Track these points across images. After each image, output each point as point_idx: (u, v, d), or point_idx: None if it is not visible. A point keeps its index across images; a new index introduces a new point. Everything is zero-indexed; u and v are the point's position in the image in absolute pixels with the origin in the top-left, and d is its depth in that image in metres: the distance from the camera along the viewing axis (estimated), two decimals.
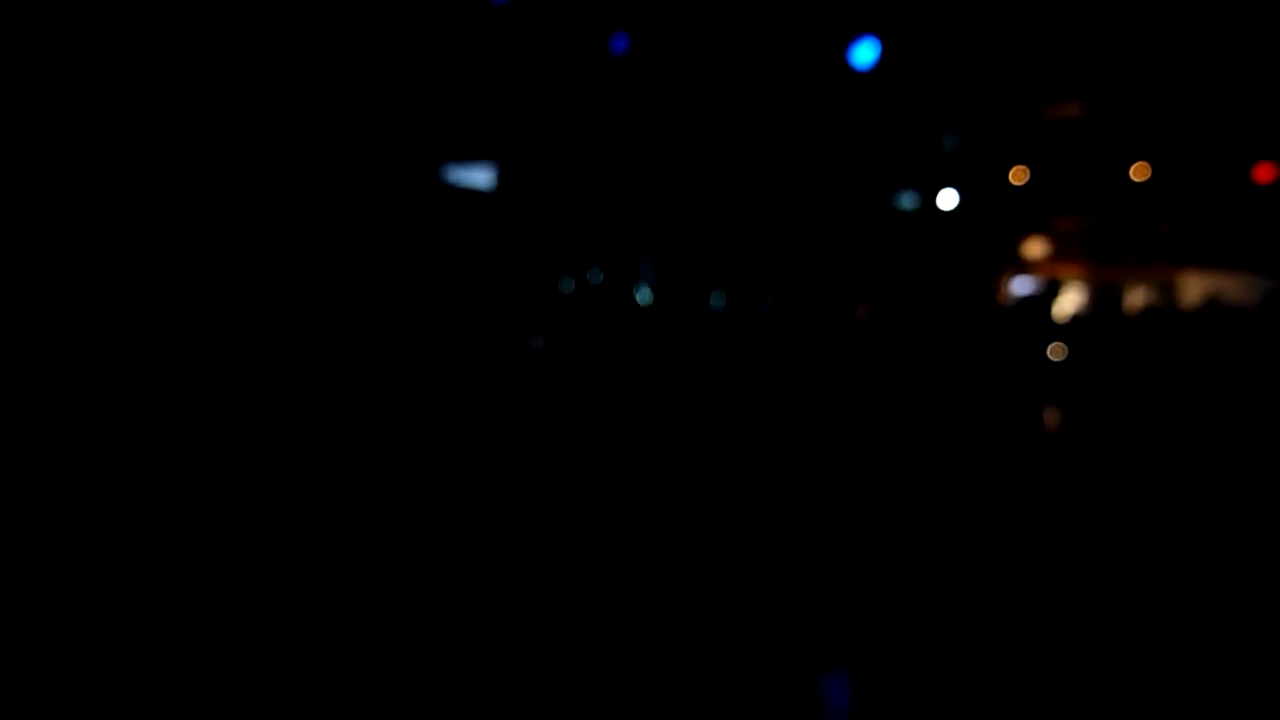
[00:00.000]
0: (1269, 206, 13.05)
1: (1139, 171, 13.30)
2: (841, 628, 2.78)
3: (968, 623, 2.83)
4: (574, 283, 10.68)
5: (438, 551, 3.29)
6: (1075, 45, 11.55)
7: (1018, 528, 4.25)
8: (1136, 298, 14.04)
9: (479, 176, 9.59)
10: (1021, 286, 14.26)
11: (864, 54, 10.60)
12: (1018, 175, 13.35)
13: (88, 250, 5.21)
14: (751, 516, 4.25)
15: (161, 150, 5.81)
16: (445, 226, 8.58)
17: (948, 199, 12.66)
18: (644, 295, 11.47)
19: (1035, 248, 14.27)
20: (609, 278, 11.08)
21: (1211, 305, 13.14)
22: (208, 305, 5.70)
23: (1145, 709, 2.17)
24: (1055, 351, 11.71)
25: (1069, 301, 13.97)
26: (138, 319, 5.21)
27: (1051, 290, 14.04)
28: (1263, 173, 12.99)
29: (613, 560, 3.30)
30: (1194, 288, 13.79)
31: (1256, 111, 12.56)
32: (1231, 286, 13.42)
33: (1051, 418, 9.18)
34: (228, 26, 6.53)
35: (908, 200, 12.68)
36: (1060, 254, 14.24)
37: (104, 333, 5.07)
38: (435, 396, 6.88)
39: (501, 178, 9.75)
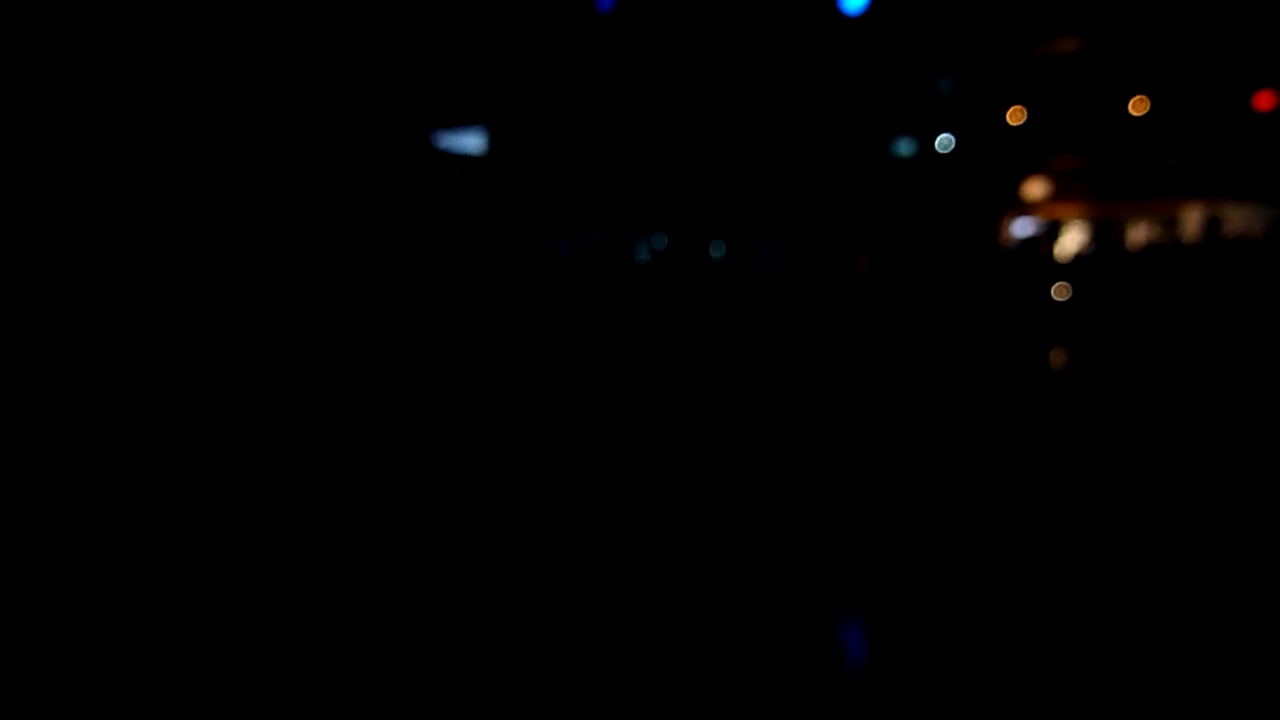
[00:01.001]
0: (1270, 135, 12.91)
1: (1138, 106, 13.15)
2: (849, 585, 2.77)
3: (977, 580, 2.81)
4: (571, 244, 10.63)
5: (438, 521, 3.29)
6: None
7: (1027, 476, 4.23)
8: (1139, 233, 13.94)
9: (470, 141, 9.51)
10: (1023, 228, 14.16)
11: None
12: (1015, 115, 13.21)
13: (75, 226, 5.18)
14: (759, 469, 4.23)
15: (151, 120, 5.76)
16: (438, 193, 8.52)
17: (945, 143, 12.55)
18: (643, 253, 11.41)
19: (1036, 188, 14.14)
20: (607, 236, 11.02)
21: (1215, 237, 13.03)
22: (200, 275, 5.68)
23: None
24: (1059, 291, 11.63)
25: (1071, 241, 13.86)
26: (126, 272, 5.20)
27: (1053, 230, 13.93)
28: (1263, 100, 12.83)
29: (615, 533, 3.29)
30: (1197, 220, 13.68)
31: (1254, 39, 12.38)
32: (1235, 216, 13.31)
33: (1058, 357, 9.14)
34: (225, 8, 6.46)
35: (904, 146, 12.56)
36: (1061, 193, 14.12)
37: (96, 311, 5.06)
38: (434, 365, 6.87)
39: (492, 141, 9.66)
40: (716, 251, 11.44)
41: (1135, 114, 13.20)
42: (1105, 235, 13.93)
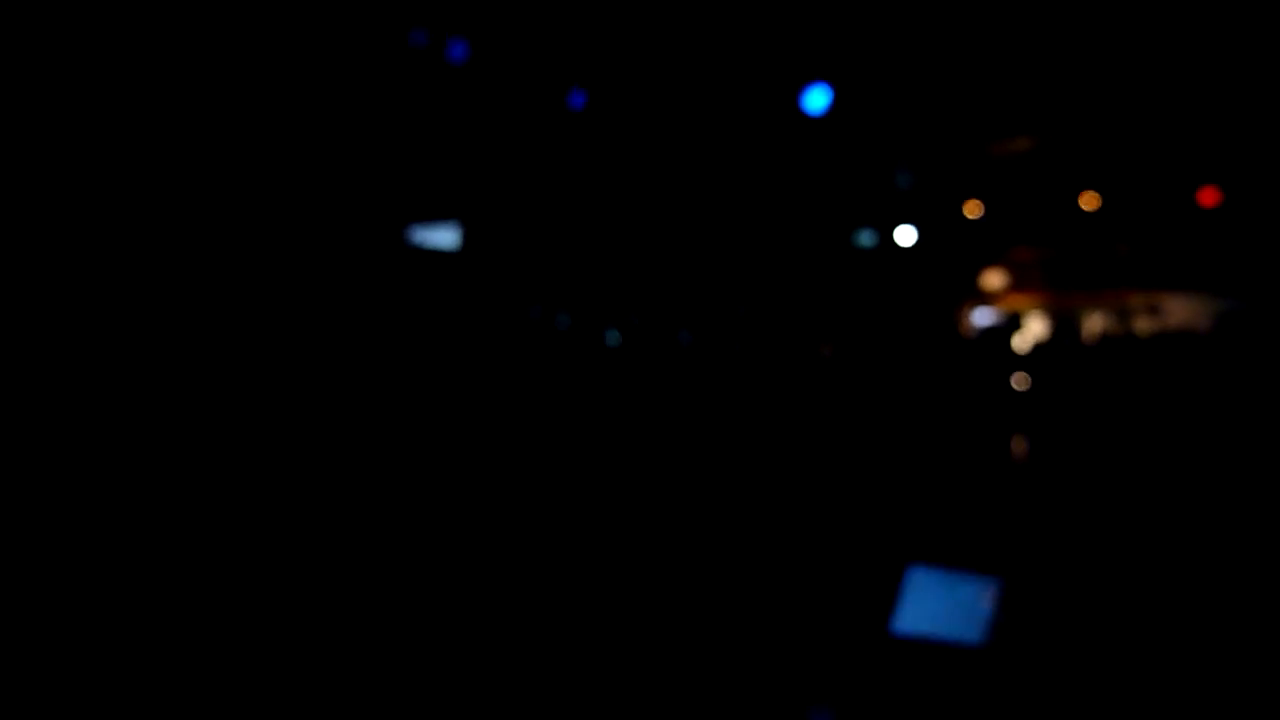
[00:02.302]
0: (1217, 230, 13.46)
1: (1089, 201, 13.69)
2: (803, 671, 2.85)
3: (932, 665, 2.90)
4: (541, 330, 10.78)
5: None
6: (1020, 83, 11.93)
7: (988, 558, 4.33)
8: (1095, 323, 14.35)
9: (443, 236, 9.71)
10: (982, 318, 14.54)
11: (816, 99, 10.90)
12: (972, 209, 13.70)
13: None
14: (722, 550, 4.31)
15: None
16: (411, 288, 8.66)
17: (905, 235, 12.95)
18: (612, 338, 11.59)
19: (994, 279, 14.58)
20: (576, 322, 11.20)
21: (1165, 327, 13.46)
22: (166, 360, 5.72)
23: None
24: (1019, 381, 11.92)
25: (1030, 331, 14.24)
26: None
27: (1012, 321, 14.32)
28: (1207, 197, 13.41)
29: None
30: (1149, 311, 14.13)
31: (1199, 139, 13.00)
32: (1186, 309, 13.78)
33: (1019, 446, 9.33)
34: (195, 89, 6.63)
35: (866, 238, 12.96)
36: (1018, 284, 14.57)
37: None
38: (406, 453, 6.90)
39: (466, 236, 9.87)
40: (684, 338, 11.65)
41: (1087, 209, 13.74)
42: (1062, 325, 14.34)
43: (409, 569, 4.01)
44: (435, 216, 9.76)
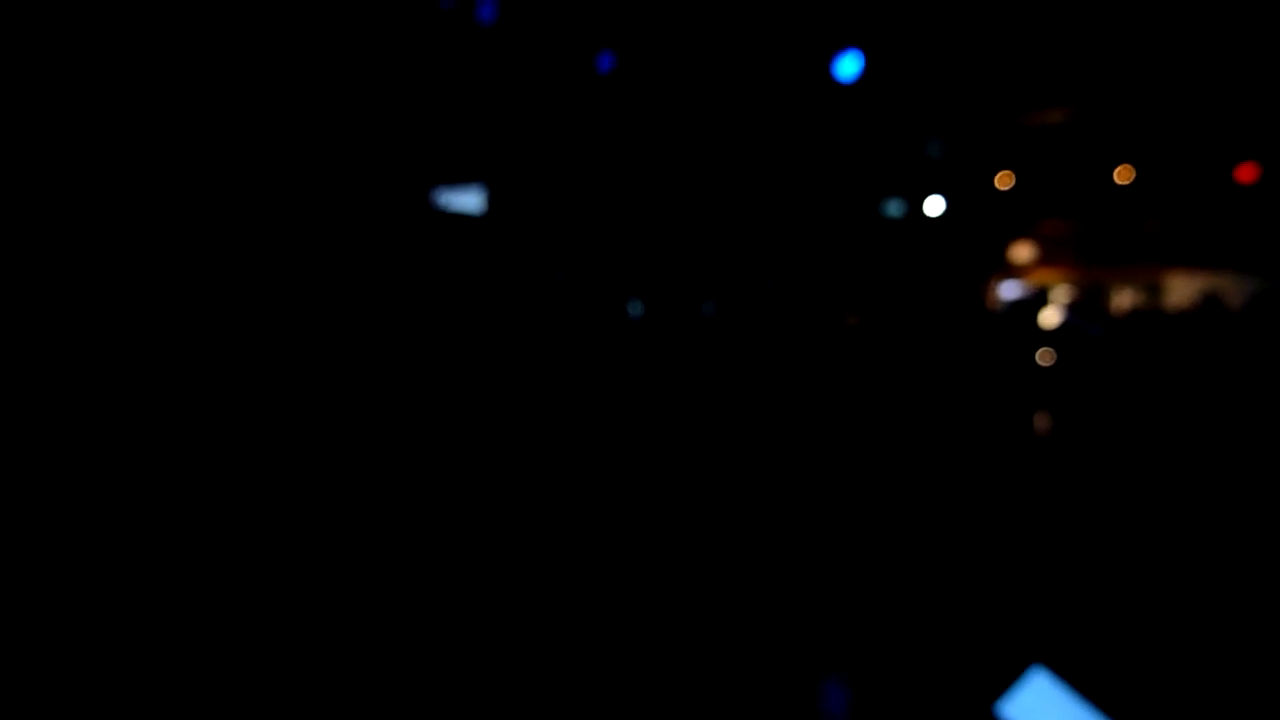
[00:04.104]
0: (1252, 206, 13.21)
1: (1122, 174, 13.46)
2: (833, 633, 2.83)
3: (957, 629, 2.88)
4: (568, 300, 10.73)
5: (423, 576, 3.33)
6: (1055, 53, 11.68)
7: (1010, 534, 4.31)
8: (1124, 299, 14.17)
9: (468, 199, 9.64)
10: (1010, 291, 14.38)
11: (848, 66, 10.70)
12: (1003, 180, 13.50)
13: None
14: (745, 524, 4.30)
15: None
16: (435, 251, 8.62)
17: (935, 205, 12.77)
18: (635, 308, 11.53)
19: (1023, 252, 14.39)
20: (602, 292, 11.14)
21: (1199, 305, 13.27)
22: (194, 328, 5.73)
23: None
24: (1044, 357, 11.78)
25: (1057, 305, 14.07)
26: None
27: (1040, 295, 14.15)
28: (1245, 173, 13.15)
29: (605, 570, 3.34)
30: (1180, 288, 13.94)
31: (1237, 113, 12.72)
32: (1218, 286, 13.57)
33: (1042, 422, 9.25)
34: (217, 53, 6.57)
35: (895, 207, 12.79)
36: (1047, 258, 14.39)
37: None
38: (427, 420, 6.91)
39: (491, 200, 9.80)
40: (708, 309, 11.58)
41: (1120, 182, 13.51)
42: (1091, 301, 14.16)
43: (421, 527, 4.01)
44: (460, 179, 9.69)
